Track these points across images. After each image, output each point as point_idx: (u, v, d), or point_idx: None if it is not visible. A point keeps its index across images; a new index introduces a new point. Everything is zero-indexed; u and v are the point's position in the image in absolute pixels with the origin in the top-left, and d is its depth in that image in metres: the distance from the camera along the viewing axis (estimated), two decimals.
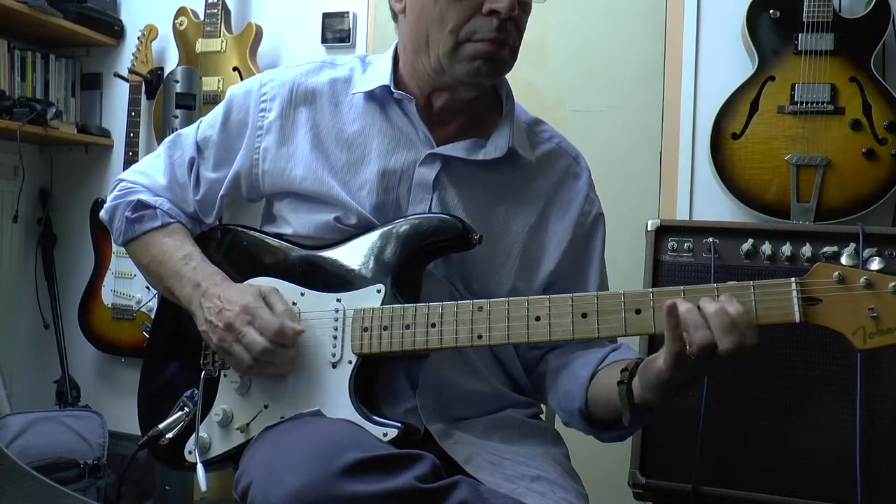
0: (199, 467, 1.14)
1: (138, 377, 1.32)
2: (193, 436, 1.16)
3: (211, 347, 1.19)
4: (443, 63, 1.16)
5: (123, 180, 1.34)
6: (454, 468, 1.06)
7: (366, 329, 1.11)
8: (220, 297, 1.14)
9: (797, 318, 0.93)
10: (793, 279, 0.94)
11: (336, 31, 2.84)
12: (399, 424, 1.06)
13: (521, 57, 1.20)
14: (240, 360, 1.11)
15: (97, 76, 3.19)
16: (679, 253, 1.82)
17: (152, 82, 2.99)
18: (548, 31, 2.65)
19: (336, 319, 1.13)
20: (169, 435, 1.18)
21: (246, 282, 1.21)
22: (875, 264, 0.94)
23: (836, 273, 0.93)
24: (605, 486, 1.81)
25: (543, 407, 1.35)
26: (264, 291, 1.15)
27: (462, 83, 1.18)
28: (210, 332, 1.14)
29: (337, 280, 1.17)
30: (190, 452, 1.17)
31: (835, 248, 1.73)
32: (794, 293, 0.93)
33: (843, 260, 0.96)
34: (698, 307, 0.94)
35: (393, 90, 1.21)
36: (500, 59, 1.16)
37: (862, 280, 0.92)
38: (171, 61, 3.02)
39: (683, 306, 0.95)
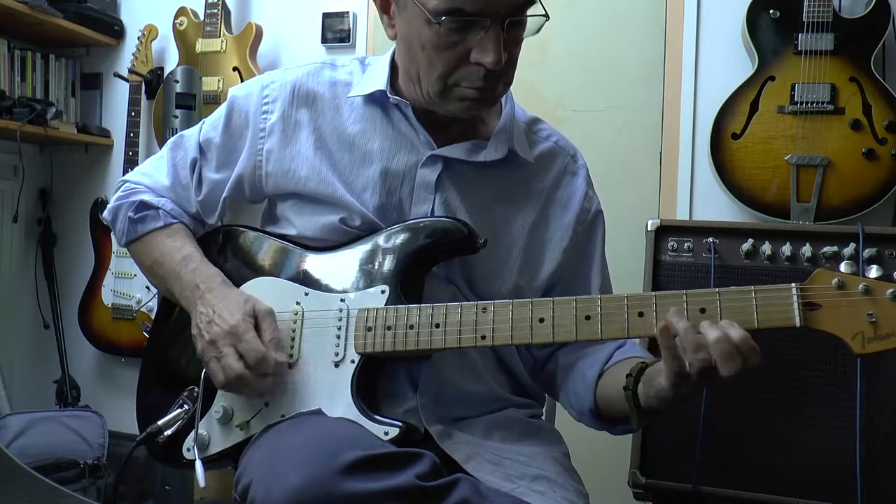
0: (198, 464, 1.14)
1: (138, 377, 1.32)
2: (192, 433, 1.16)
3: None
4: (434, 100, 1.15)
5: (127, 181, 1.34)
6: (454, 468, 1.06)
7: (369, 329, 1.11)
8: (214, 308, 1.14)
9: (797, 323, 0.95)
10: (793, 284, 0.95)
11: (336, 31, 2.84)
12: (400, 423, 1.06)
13: (522, 57, 1.19)
14: (214, 377, 1.12)
15: (97, 76, 3.18)
16: (679, 253, 1.82)
17: (152, 82, 2.99)
18: (548, 31, 2.64)
19: (340, 319, 1.13)
20: (167, 432, 1.17)
21: (249, 282, 1.21)
22: (873, 272, 0.95)
23: (836, 279, 0.95)
24: (605, 486, 1.81)
25: (543, 408, 1.35)
26: (259, 312, 1.13)
27: (455, 115, 1.18)
28: (197, 338, 1.15)
29: (341, 281, 1.17)
30: (188, 450, 1.17)
31: (835, 248, 1.73)
32: (795, 298, 0.95)
33: (843, 267, 0.97)
34: (697, 330, 0.94)
35: (389, 95, 1.21)
36: (491, 98, 1.16)
37: (861, 286, 0.94)
38: (171, 61, 3.02)
39: (681, 325, 0.95)
